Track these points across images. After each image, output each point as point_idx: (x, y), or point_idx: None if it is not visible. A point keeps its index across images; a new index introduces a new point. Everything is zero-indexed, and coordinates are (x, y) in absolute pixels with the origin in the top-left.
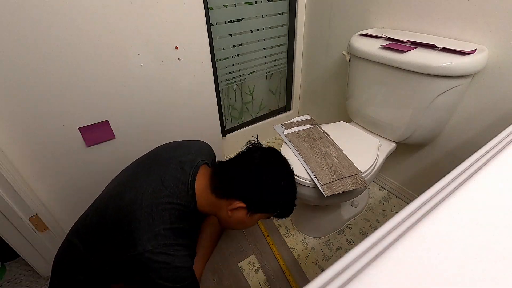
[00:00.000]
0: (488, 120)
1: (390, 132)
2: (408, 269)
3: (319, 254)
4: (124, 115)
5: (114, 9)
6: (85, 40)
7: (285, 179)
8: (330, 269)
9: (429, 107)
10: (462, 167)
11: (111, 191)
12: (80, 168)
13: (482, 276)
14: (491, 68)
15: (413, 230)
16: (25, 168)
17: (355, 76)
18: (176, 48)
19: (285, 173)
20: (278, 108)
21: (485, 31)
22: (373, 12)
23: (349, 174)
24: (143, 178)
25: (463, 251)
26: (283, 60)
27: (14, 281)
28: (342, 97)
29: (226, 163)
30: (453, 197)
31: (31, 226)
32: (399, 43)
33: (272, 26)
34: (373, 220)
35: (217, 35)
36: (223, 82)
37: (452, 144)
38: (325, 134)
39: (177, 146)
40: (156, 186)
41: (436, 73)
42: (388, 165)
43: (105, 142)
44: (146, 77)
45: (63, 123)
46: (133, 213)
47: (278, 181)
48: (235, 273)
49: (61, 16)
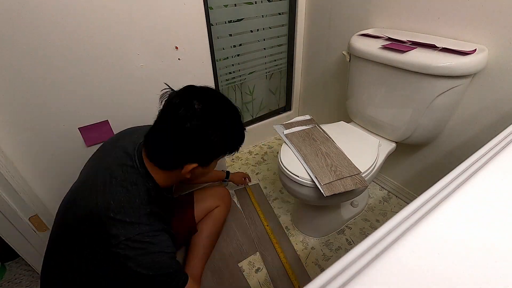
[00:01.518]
0: (488, 120)
1: (390, 132)
2: (408, 269)
3: (319, 254)
4: (124, 115)
5: (114, 9)
6: (85, 40)
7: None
8: (330, 269)
9: (429, 107)
10: (462, 167)
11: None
12: (80, 168)
13: (482, 276)
14: (491, 68)
15: (413, 230)
16: (25, 168)
17: (355, 76)
18: (176, 48)
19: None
20: (278, 108)
21: (485, 31)
22: (373, 12)
23: (349, 174)
24: (92, 176)
25: (463, 251)
26: (283, 60)
27: (14, 281)
28: (342, 97)
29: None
30: (453, 197)
31: (31, 226)
32: (399, 43)
33: (272, 26)
34: (373, 220)
35: (217, 35)
36: (223, 82)
37: (452, 144)
38: (325, 134)
39: (120, 135)
40: (106, 180)
41: (436, 73)
42: (388, 165)
43: None
44: (146, 77)
45: (63, 123)
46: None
47: (219, 126)
48: (235, 273)
49: (61, 16)
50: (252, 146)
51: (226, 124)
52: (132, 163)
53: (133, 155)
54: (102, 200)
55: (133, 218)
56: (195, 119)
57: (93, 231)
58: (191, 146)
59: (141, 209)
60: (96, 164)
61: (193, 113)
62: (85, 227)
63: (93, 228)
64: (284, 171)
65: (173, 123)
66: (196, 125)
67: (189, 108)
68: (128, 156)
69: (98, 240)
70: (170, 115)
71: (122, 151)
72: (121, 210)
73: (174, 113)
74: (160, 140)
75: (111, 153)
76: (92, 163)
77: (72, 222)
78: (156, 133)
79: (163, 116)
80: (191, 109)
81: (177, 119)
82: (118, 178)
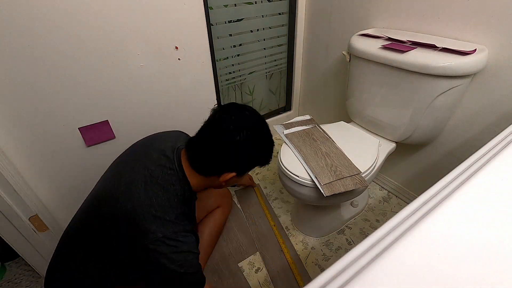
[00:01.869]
0: (488, 120)
1: (390, 132)
2: (408, 269)
3: (319, 254)
4: (124, 115)
5: (114, 9)
6: (85, 40)
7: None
8: (330, 269)
9: (429, 107)
10: (462, 167)
11: (99, 194)
12: (80, 168)
13: (482, 276)
14: (491, 68)
15: (413, 230)
16: (25, 168)
17: (355, 76)
18: (176, 48)
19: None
20: (278, 108)
21: (485, 31)
22: (373, 12)
23: (349, 174)
24: (129, 173)
25: (463, 251)
26: (283, 60)
27: (14, 281)
28: (342, 97)
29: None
30: (453, 197)
31: (31, 226)
32: (399, 43)
33: (272, 26)
34: (373, 220)
35: (217, 35)
36: (223, 82)
37: (452, 144)
38: (325, 134)
39: (153, 139)
40: (146, 179)
41: (436, 73)
42: (388, 165)
43: (105, 142)
44: (146, 77)
45: (63, 123)
46: (133, 211)
47: (263, 141)
48: (235, 273)
49: (61, 17)
50: None
51: (267, 139)
52: (171, 165)
53: (173, 158)
54: (144, 197)
55: (171, 217)
56: (245, 133)
57: (126, 225)
58: (236, 157)
59: (177, 208)
60: (131, 163)
61: (244, 128)
62: (116, 222)
63: (128, 223)
64: (284, 171)
65: (222, 135)
66: (244, 139)
67: (240, 123)
68: (167, 159)
69: (130, 235)
70: (220, 127)
71: (161, 153)
72: (161, 208)
73: (224, 126)
74: (206, 148)
75: (148, 155)
76: (126, 162)
77: (107, 214)
78: (202, 142)
79: (211, 127)
80: (242, 124)
81: (228, 132)
82: (158, 178)
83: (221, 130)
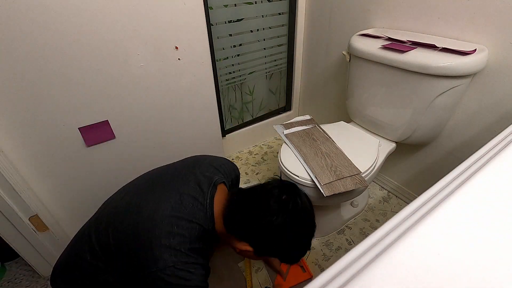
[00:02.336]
0: (488, 120)
1: (390, 132)
2: (408, 269)
3: (319, 254)
4: (124, 115)
5: (114, 9)
6: (85, 40)
7: (306, 237)
8: (330, 269)
9: (429, 107)
10: (462, 167)
11: (126, 203)
12: (80, 168)
13: (482, 276)
14: (491, 68)
15: (413, 230)
16: (25, 168)
17: (355, 76)
18: (176, 48)
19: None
20: (278, 108)
21: (485, 31)
22: (373, 12)
23: (349, 174)
24: (161, 193)
25: (463, 251)
26: (283, 60)
27: (14, 281)
28: (342, 97)
29: (245, 196)
30: (453, 197)
31: (31, 226)
32: (399, 43)
33: (272, 26)
34: (373, 220)
35: (217, 35)
36: (223, 82)
37: (452, 144)
38: (325, 134)
39: (196, 162)
40: (175, 204)
41: (436, 73)
42: (388, 165)
43: (105, 142)
44: (146, 77)
45: (63, 123)
46: (152, 231)
47: (295, 237)
48: (235, 273)
49: (61, 16)
50: (252, 146)
51: (301, 239)
52: (203, 201)
53: (207, 194)
54: (168, 223)
55: (186, 250)
56: (282, 219)
57: (141, 244)
58: (261, 235)
59: (194, 243)
60: (169, 180)
61: (283, 213)
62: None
63: (143, 242)
64: (284, 171)
65: (262, 208)
66: (278, 224)
67: (283, 207)
68: (202, 193)
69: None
70: (263, 200)
71: (196, 183)
72: (179, 238)
73: (268, 201)
74: (241, 211)
75: (186, 180)
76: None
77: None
78: (241, 204)
79: (257, 196)
80: (284, 208)
81: (267, 208)
82: (187, 209)
83: (261, 203)
